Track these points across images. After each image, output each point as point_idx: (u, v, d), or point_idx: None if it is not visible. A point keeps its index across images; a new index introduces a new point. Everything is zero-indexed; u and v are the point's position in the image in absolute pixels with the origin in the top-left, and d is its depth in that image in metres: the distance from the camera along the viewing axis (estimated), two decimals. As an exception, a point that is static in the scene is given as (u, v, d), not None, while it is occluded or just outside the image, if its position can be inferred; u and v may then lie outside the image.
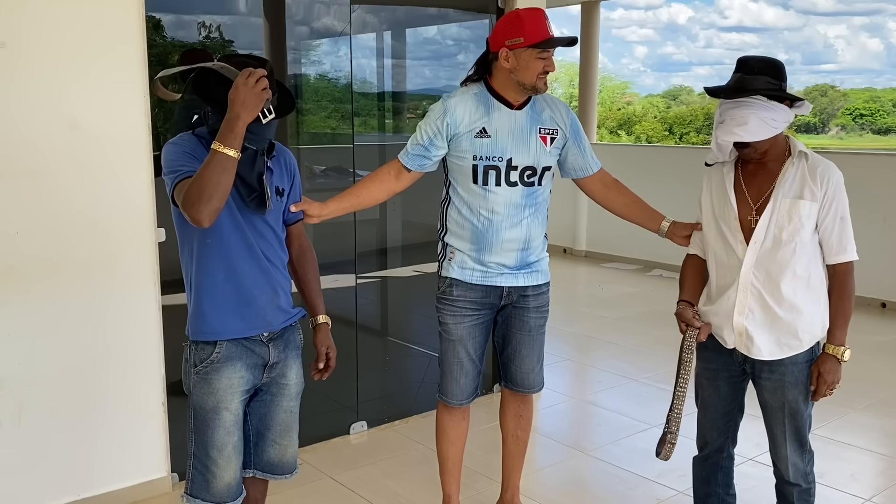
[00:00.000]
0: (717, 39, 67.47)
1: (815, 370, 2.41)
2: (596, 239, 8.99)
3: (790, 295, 2.40)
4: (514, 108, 2.76)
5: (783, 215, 2.37)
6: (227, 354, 2.23)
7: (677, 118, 31.20)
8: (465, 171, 2.77)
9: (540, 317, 2.94)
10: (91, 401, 3.18)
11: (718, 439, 2.64)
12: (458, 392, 2.93)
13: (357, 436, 4.09)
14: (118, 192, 3.14)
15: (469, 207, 2.79)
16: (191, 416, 2.28)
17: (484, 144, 2.73)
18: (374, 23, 4.14)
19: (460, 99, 2.77)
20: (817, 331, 2.44)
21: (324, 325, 2.47)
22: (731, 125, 2.33)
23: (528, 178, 2.77)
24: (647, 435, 4.13)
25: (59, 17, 2.93)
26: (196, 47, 3.41)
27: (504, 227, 2.77)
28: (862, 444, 4.07)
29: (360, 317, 4.08)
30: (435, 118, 2.76)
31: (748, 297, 2.43)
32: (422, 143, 2.77)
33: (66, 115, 2.99)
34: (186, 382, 2.29)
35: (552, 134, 2.80)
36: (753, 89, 2.31)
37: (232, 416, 2.25)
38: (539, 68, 2.66)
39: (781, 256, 2.38)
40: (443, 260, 2.91)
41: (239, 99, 1.99)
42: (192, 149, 2.16)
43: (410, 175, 2.83)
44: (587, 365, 5.64)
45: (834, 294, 2.44)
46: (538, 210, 2.84)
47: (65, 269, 3.05)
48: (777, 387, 2.46)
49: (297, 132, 3.93)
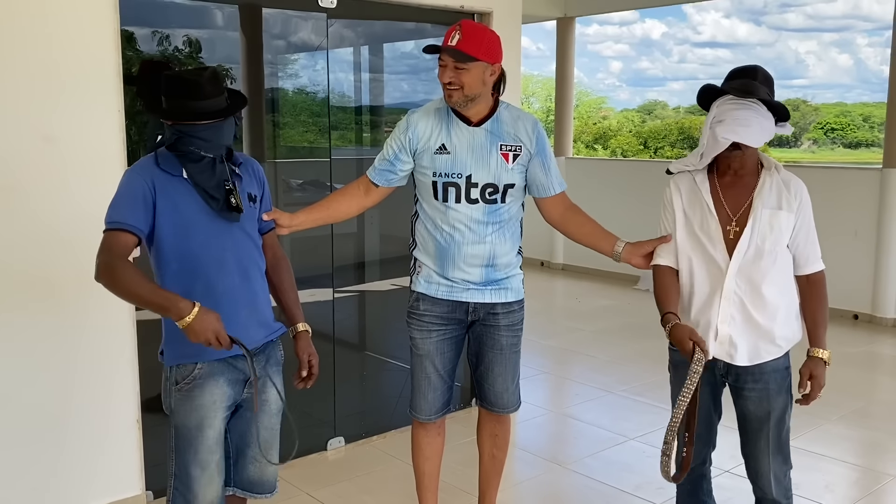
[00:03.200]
0: (690, 55, 68.49)
1: (807, 373, 2.45)
2: (573, 252, 9.04)
3: (770, 302, 2.44)
4: (472, 124, 2.73)
5: (765, 225, 2.41)
6: (208, 371, 2.21)
7: (652, 132, 31.50)
8: (427, 187, 2.76)
9: (512, 335, 2.90)
10: (64, 418, 3.13)
11: (703, 450, 2.64)
12: (427, 407, 2.91)
13: (334, 451, 4.06)
14: (92, 207, 3.09)
15: (433, 222, 2.79)
16: (172, 435, 2.24)
17: (443, 160, 2.72)
18: (351, 37, 4.14)
19: (423, 114, 2.77)
20: (793, 336, 2.50)
21: (304, 333, 2.45)
22: (734, 124, 2.33)
23: (490, 196, 2.74)
24: (624, 448, 4.14)
25: (32, 32, 2.91)
26: (154, 58, 3.36)
27: (466, 242, 2.75)
28: (836, 454, 4.11)
29: (337, 331, 4.06)
30: (399, 133, 2.77)
31: (731, 305, 2.46)
32: (387, 157, 2.78)
33: (39, 129, 2.96)
34: (167, 402, 2.26)
35: (514, 150, 2.74)
36: (759, 96, 2.34)
37: (215, 433, 2.22)
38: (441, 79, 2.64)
39: (764, 266, 2.42)
40: (413, 274, 2.91)
41: (192, 329, 1.98)
42: (146, 185, 2.13)
43: (379, 190, 2.83)
44: (565, 378, 5.65)
45: (813, 301, 2.49)
46: (504, 227, 2.79)
47: (37, 285, 3.01)
48: (762, 396, 2.48)
49: (273, 146, 3.92)
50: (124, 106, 3.11)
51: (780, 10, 65.30)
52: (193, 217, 2.18)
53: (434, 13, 4.22)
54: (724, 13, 66.54)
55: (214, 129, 2.16)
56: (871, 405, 4.87)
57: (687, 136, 28.73)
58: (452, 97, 2.64)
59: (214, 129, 2.16)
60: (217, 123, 2.17)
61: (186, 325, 1.96)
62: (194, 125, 2.14)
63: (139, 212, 2.11)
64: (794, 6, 64.58)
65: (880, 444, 4.32)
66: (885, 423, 4.56)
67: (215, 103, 2.15)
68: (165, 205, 2.15)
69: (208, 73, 2.16)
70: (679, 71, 66.59)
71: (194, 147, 2.16)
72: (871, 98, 35.80)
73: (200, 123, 2.14)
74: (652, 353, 5.94)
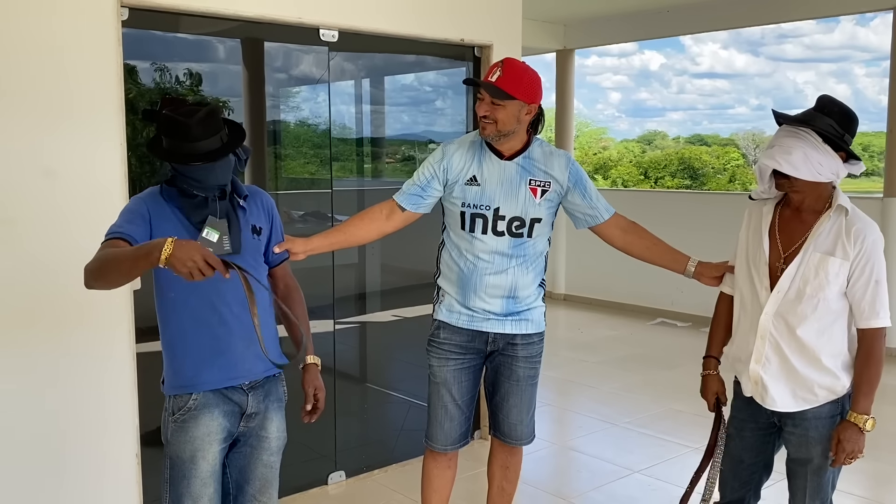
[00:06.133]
0: (689, 85, 69.07)
1: (835, 436, 2.31)
2: (575, 282, 9.02)
3: (808, 349, 2.32)
4: (504, 157, 2.76)
5: (810, 269, 2.30)
6: (204, 402, 2.19)
7: (652, 162, 31.63)
8: (455, 217, 2.79)
9: (530, 367, 2.89)
10: (62, 452, 3.10)
11: (739, 490, 2.53)
12: (443, 437, 2.89)
13: (335, 486, 4.01)
14: (94, 239, 3.09)
15: (458, 250, 2.81)
16: (167, 465, 2.23)
17: (473, 192, 2.75)
18: (352, 70, 4.18)
19: (458, 146, 2.81)
20: (837, 389, 2.35)
21: (312, 367, 2.43)
22: (776, 152, 2.25)
23: (517, 229, 2.76)
24: (628, 481, 4.09)
25: (37, 64, 2.93)
26: (173, 95, 3.41)
27: (488, 272, 2.76)
28: (843, 486, 4.02)
29: (338, 363, 4.03)
30: (434, 161, 2.80)
31: (766, 345, 2.37)
32: (419, 183, 2.80)
33: (41, 162, 2.97)
34: (164, 432, 2.25)
35: (543, 186, 2.77)
36: (812, 124, 2.24)
37: (209, 465, 2.19)
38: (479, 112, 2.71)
39: (802, 310, 2.31)
40: (435, 303, 2.92)
41: (175, 256, 1.84)
42: (146, 207, 2.18)
43: (403, 215, 2.82)
44: (567, 410, 5.60)
45: (860, 359, 2.33)
46: (528, 261, 2.80)
47: (39, 317, 3.00)
48: (801, 441, 2.37)
49: (275, 177, 3.93)
50: (126, 138, 3.13)
51: (777, 41, 66.06)
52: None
53: (434, 46, 4.25)
54: (721, 44, 67.34)
55: (206, 171, 2.17)
56: (879, 437, 4.78)
57: (687, 166, 28.85)
58: (486, 130, 2.69)
59: (206, 171, 2.17)
60: (208, 165, 2.16)
61: (168, 256, 1.82)
62: (186, 166, 2.16)
63: (137, 226, 2.13)
64: (791, 37, 65.36)
65: (888, 477, 4.26)
66: (893, 455, 4.50)
67: (206, 145, 2.15)
68: (163, 230, 2.16)
69: (202, 113, 2.15)
70: (678, 101, 67.19)
71: (187, 186, 2.19)
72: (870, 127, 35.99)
73: (191, 165, 2.15)
74: (656, 384, 5.90)
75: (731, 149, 31.35)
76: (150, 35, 3.38)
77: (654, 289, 7.72)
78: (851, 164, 2.29)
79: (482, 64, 4.40)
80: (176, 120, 2.13)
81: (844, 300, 2.32)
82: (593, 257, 7.99)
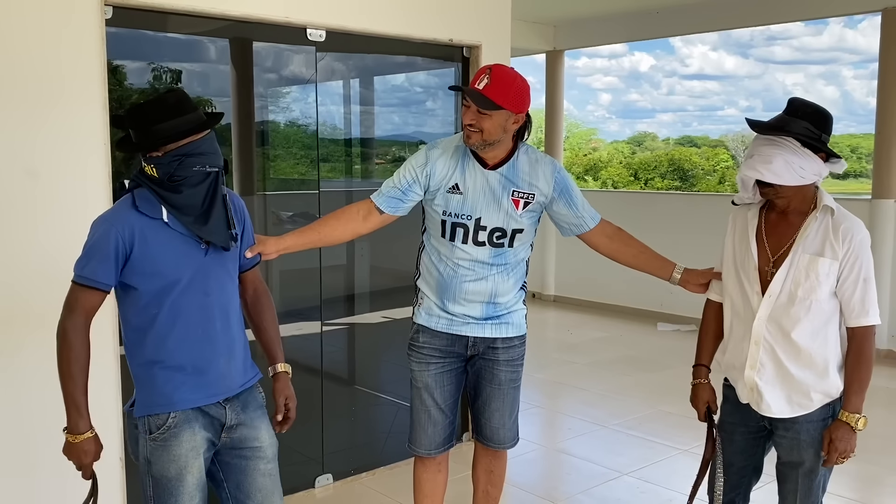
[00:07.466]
0: (679, 87, 69.21)
1: (827, 436, 2.30)
2: (564, 283, 9.01)
3: (803, 353, 2.31)
4: (489, 167, 2.70)
5: (801, 271, 2.28)
6: (183, 419, 2.14)
7: (642, 164, 31.67)
8: (436, 223, 2.74)
9: (511, 370, 2.85)
10: (43, 456, 3.05)
11: (729, 493, 2.52)
12: (426, 441, 2.86)
13: (322, 489, 3.98)
14: (77, 242, 3.05)
15: (438, 254, 2.77)
16: (148, 484, 2.16)
17: (455, 201, 2.69)
18: (341, 70, 4.15)
19: (442, 151, 2.73)
20: (831, 392, 2.34)
21: (283, 375, 2.37)
22: (756, 161, 2.23)
23: (498, 240, 2.71)
24: (618, 483, 4.08)
25: (19, 63, 2.89)
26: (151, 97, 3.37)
27: (468, 279, 2.72)
28: (832, 489, 4.01)
29: (325, 364, 4.00)
30: (416, 165, 2.72)
31: (760, 351, 2.35)
32: (399, 186, 2.72)
33: (23, 162, 2.93)
34: (138, 451, 2.17)
35: (526, 198, 2.71)
36: (788, 131, 2.22)
37: (195, 479, 2.15)
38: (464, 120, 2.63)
39: (795, 313, 2.30)
40: (415, 305, 2.88)
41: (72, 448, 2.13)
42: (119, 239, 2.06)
43: (381, 217, 2.76)
44: (557, 412, 5.59)
45: (851, 358, 2.32)
46: (508, 268, 2.77)
47: (19, 320, 2.96)
48: (793, 445, 2.36)
49: (263, 178, 3.89)
50: (110, 137, 3.09)
51: (766, 42, 66.28)
52: (178, 261, 2.11)
53: (423, 46, 4.23)
54: (711, 46, 67.48)
55: (210, 141, 2.12)
56: (867, 438, 4.78)
57: (677, 167, 28.93)
58: (471, 139, 2.62)
59: (210, 141, 2.12)
60: (211, 134, 2.13)
61: (72, 440, 2.07)
62: (193, 141, 2.08)
63: (110, 268, 2.06)
64: (780, 39, 65.59)
65: (876, 479, 4.27)
66: (881, 456, 4.51)
67: (199, 115, 2.12)
68: (144, 253, 2.08)
69: (178, 93, 2.14)
70: (668, 103, 67.30)
71: (199, 165, 2.08)
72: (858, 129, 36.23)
73: (198, 137, 2.08)
74: (645, 385, 5.90)
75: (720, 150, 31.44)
76: (136, 34, 3.34)
77: (645, 290, 7.71)
78: (832, 162, 2.29)
79: (471, 64, 4.38)
80: (165, 100, 2.09)
81: (835, 300, 2.31)
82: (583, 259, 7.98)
